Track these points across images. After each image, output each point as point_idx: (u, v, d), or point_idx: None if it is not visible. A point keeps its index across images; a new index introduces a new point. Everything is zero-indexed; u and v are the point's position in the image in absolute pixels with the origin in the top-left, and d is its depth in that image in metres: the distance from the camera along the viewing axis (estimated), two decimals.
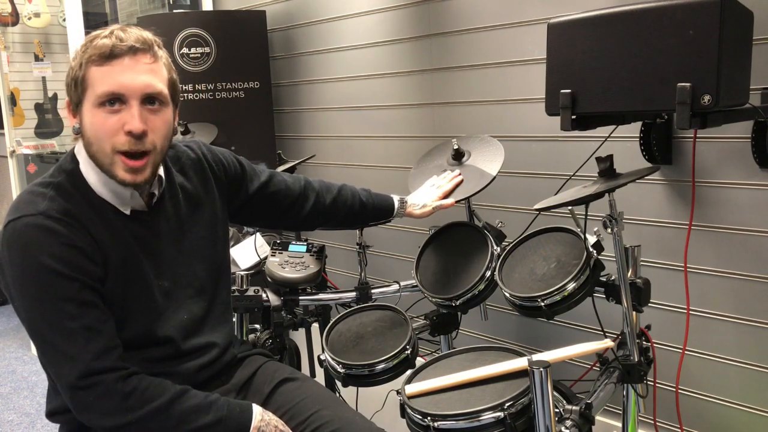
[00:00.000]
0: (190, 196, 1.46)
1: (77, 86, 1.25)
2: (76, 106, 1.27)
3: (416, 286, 1.83)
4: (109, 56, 1.22)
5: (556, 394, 1.50)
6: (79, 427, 1.35)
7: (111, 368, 1.23)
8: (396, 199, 1.81)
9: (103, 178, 1.30)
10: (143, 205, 1.36)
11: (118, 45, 1.22)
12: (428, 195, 1.81)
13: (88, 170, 1.31)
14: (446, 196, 1.79)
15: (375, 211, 1.78)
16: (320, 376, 2.12)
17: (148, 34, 1.27)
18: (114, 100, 1.23)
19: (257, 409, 1.36)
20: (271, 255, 2.02)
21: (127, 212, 1.33)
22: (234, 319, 1.94)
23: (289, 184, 1.67)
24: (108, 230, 1.29)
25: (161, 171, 1.39)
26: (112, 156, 1.25)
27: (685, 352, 1.82)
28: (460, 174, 1.81)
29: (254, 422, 1.33)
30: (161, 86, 1.27)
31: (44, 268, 1.21)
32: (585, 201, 1.43)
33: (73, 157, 1.32)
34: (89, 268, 1.25)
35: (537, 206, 1.52)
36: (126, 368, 1.26)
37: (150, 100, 1.26)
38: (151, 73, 1.26)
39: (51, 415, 1.42)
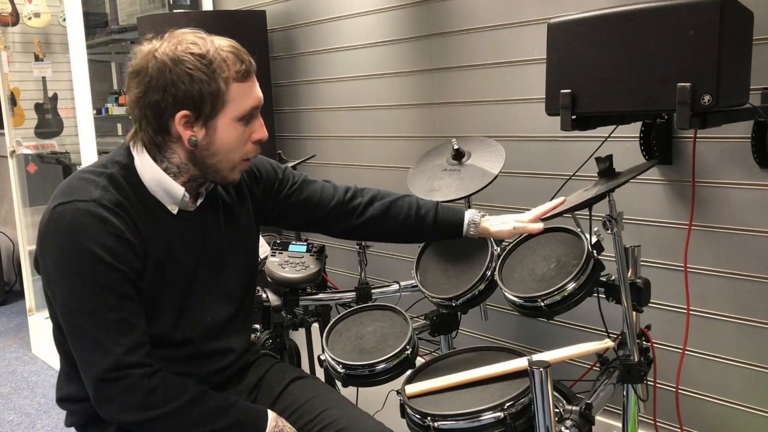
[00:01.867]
0: (225, 202, 1.48)
1: (214, 100, 1.27)
2: (206, 120, 1.29)
3: (416, 286, 1.83)
4: (246, 73, 1.30)
5: (556, 394, 1.50)
6: (90, 417, 1.36)
7: (140, 363, 1.25)
8: (468, 215, 1.61)
9: (158, 176, 1.32)
10: (190, 205, 1.39)
11: (251, 65, 1.31)
12: (511, 217, 1.61)
13: (143, 167, 1.33)
14: (538, 219, 1.57)
15: (439, 226, 1.62)
16: (320, 376, 2.12)
17: None
18: (253, 113, 1.33)
19: (271, 415, 1.38)
20: (271, 255, 2.02)
21: (175, 212, 1.36)
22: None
23: (322, 193, 1.62)
24: (154, 227, 1.32)
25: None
26: (239, 163, 1.35)
27: (685, 352, 1.82)
28: (564, 199, 1.55)
29: (268, 428, 1.35)
30: None
31: (91, 255, 1.22)
32: (588, 205, 1.43)
33: (128, 152, 1.35)
34: (133, 261, 1.27)
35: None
36: (152, 365, 1.27)
37: None
38: None
39: (62, 401, 1.43)
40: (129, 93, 1.30)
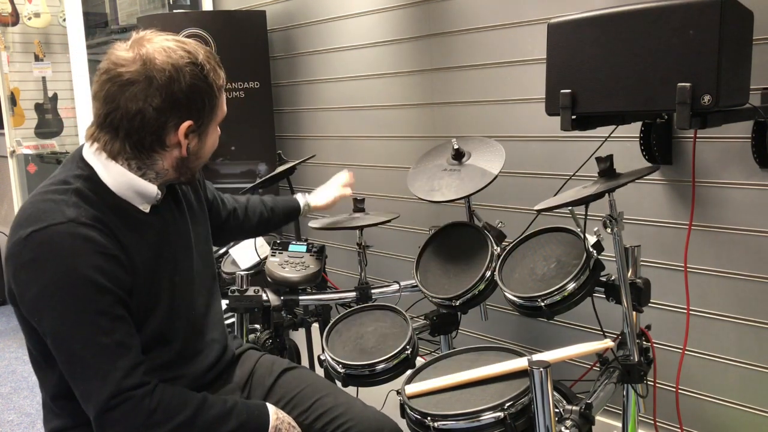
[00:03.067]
0: (186, 194, 1.49)
1: (213, 109, 1.31)
2: (204, 127, 1.30)
3: (416, 286, 1.83)
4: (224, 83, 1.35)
5: (556, 394, 1.50)
6: None
7: (139, 384, 1.21)
8: (301, 199, 1.95)
9: (129, 179, 1.28)
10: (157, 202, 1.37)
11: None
12: (330, 189, 2.00)
13: (105, 174, 1.27)
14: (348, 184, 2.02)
15: (284, 212, 1.91)
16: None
17: None
18: None
19: (272, 409, 1.38)
20: (271, 255, 2.02)
21: (147, 210, 1.33)
22: (234, 320, 1.95)
23: (222, 203, 1.75)
24: (131, 231, 1.28)
25: None
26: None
27: (685, 352, 1.82)
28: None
29: (271, 422, 1.35)
30: None
31: (82, 279, 1.16)
32: (585, 201, 1.43)
33: (84, 163, 1.28)
34: (123, 278, 1.23)
35: (537, 207, 1.52)
36: (149, 382, 1.23)
37: None
38: None
39: None
40: (111, 104, 1.22)
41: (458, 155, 1.88)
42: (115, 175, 1.27)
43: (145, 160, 1.28)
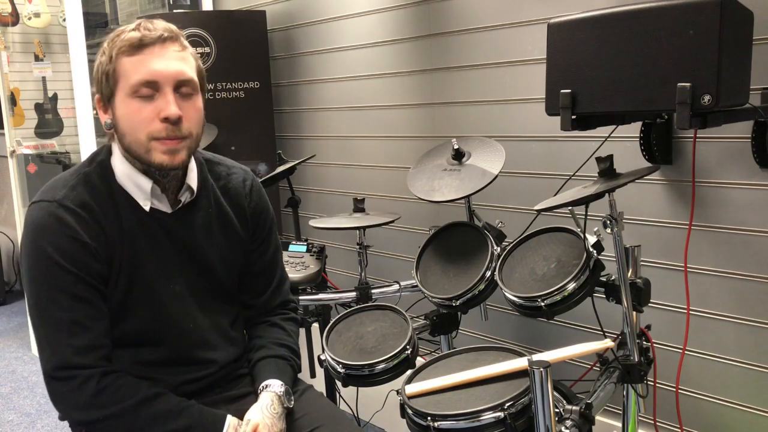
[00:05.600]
0: (223, 213, 1.44)
1: (108, 79, 1.25)
2: (107, 100, 1.28)
3: (416, 286, 1.83)
4: (138, 46, 1.23)
5: (556, 394, 1.50)
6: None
7: (89, 365, 1.25)
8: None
9: (127, 169, 1.31)
10: (168, 207, 1.36)
11: (147, 35, 1.24)
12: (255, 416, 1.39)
13: (116, 162, 1.33)
14: None
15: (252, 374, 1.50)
16: (320, 376, 2.12)
17: (173, 26, 1.30)
18: (148, 89, 1.23)
19: (231, 420, 1.31)
20: None
21: (147, 208, 1.33)
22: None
23: (261, 275, 1.53)
24: (121, 224, 1.30)
25: (194, 182, 1.38)
26: (148, 143, 1.25)
27: (685, 352, 1.82)
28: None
29: None
30: (191, 74, 1.29)
31: (44, 255, 1.24)
32: (585, 201, 1.43)
33: (108, 149, 1.35)
34: (90, 264, 1.26)
35: (537, 207, 1.52)
36: (105, 367, 1.26)
37: (182, 87, 1.27)
38: (182, 61, 1.27)
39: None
40: None
41: (458, 155, 1.88)
42: (118, 160, 1.33)
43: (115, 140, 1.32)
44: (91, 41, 3.42)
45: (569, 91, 1.39)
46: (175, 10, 3.17)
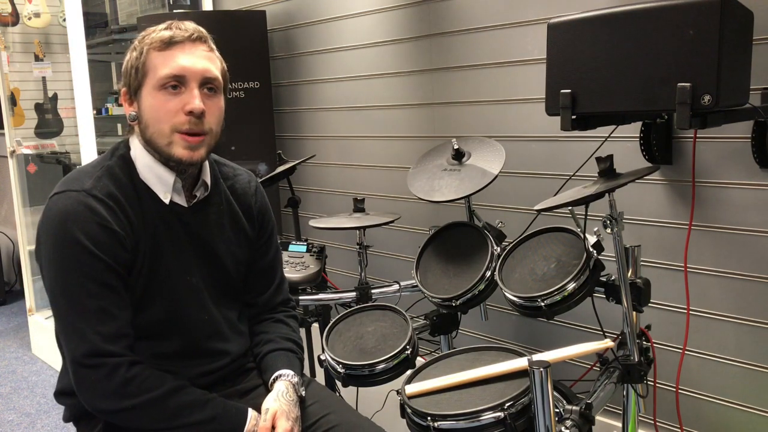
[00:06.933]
0: (233, 211, 1.49)
1: (137, 72, 1.31)
2: (134, 93, 1.33)
3: (416, 286, 1.83)
4: (169, 43, 1.30)
5: (556, 394, 1.50)
6: (82, 412, 1.36)
7: (117, 353, 1.26)
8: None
9: (149, 161, 1.35)
10: (184, 201, 1.40)
11: (178, 33, 1.31)
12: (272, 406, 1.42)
13: (137, 155, 1.36)
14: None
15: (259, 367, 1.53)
16: (320, 376, 2.12)
17: (203, 29, 1.36)
18: (176, 83, 1.29)
19: (253, 414, 1.36)
20: None
21: (167, 201, 1.37)
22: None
23: (264, 280, 1.57)
24: (144, 215, 1.33)
25: (208, 178, 1.44)
26: (171, 136, 1.30)
27: (685, 352, 1.82)
28: None
29: (247, 426, 1.34)
30: (217, 73, 1.35)
31: (75, 243, 1.24)
32: (585, 201, 1.43)
33: (127, 143, 1.38)
34: (118, 252, 1.28)
35: (537, 207, 1.52)
36: (131, 356, 1.28)
37: (207, 84, 1.32)
38: (209, 60, 1.34)
39: (58, 394, 1.43)
40: None
41: (458, 155, 1.88)
42: (139, 154, 1.36)
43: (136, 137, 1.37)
44: (91, 41, 3.42)
45: (569, 91, 1.39)
46: (175, 10, 3.17)
